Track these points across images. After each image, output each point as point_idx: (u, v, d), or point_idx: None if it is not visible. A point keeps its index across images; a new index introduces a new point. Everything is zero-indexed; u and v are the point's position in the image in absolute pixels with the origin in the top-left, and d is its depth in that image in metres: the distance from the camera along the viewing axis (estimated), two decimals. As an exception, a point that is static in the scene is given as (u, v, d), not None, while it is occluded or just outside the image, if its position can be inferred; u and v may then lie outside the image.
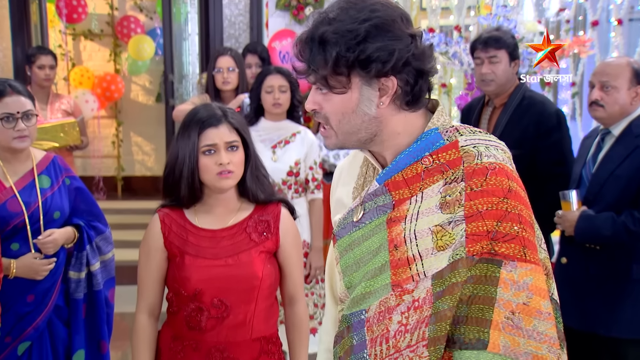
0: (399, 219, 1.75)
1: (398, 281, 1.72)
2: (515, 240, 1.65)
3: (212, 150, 2.62)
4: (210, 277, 2.66)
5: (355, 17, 1.71)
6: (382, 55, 1.71)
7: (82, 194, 3.62)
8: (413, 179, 1.76)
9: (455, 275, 1.64)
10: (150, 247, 2.74)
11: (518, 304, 1.62)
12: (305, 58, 1.76)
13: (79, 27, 9.99)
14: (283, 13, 6.64)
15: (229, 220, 2.74)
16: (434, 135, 1.79)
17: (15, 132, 3.30)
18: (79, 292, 3.54)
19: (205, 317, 2.65)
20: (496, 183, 1.69)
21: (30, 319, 3.36)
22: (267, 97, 4.41)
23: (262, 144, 4.41)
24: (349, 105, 1.76)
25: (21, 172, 3.41)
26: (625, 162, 3.46)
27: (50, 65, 6.11)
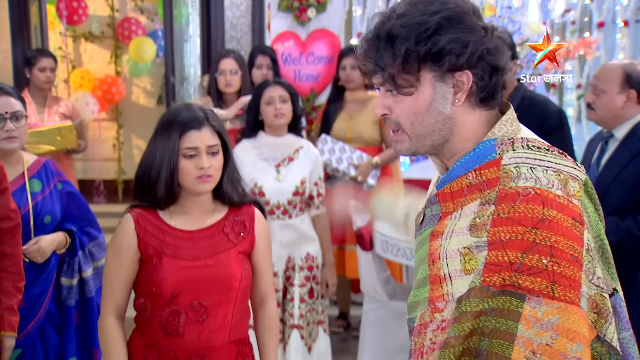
0: (438, 234, 1.73)
1: (433, 297, 1.70)
2: (542, 275, 1.56)
3: (193, 153, 2.60)
4: (190, 278, 2.64)
5: (425, 10, 1.68)
6: (456, 48, 1.67)
7: (74, 198, 3.64)
8: (457, 193, 1.73)
9: (466, 304, 1.61)
10: (121, 248, 2.69)
11: (540, 344, 1.54)
12: (372, 57, 1.73)
13: (80, 29, 10.02)
14: (285, 15, 6.64)
15: (205, 221, 2.74)
16: (489, 147, 1.73)
17: (3, 133, 3.34)
18: (71, 299, 3.56)
19: (183, 321, 2.63)
20: (525, 211, 1.60)
21: (21, 325, 3.33)
22: (267, 109, 4.19)
23: (265, 163, 4.28)
24: (422, 104, 1.72)
25: (11, 175, 3.39)
26: (629, 165, 3.47)
27: (51, 68, 6.14)
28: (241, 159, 3.88)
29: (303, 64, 6.55)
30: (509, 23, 5.48)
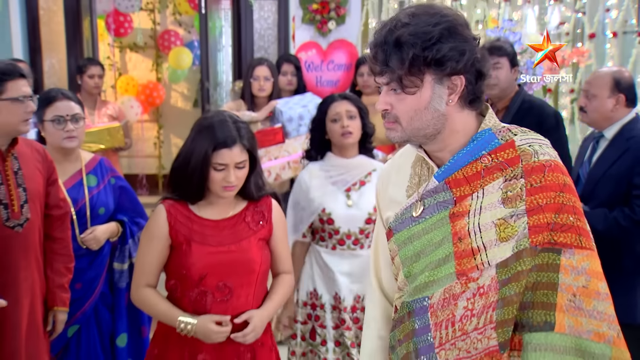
0: (462, 214, 1.77)
1: (463, 270, 1.74)
2: (572, 230, 1.67)
3: (222, 168, 2.59)
4: (215, 262, 2.64)
5: (428, 21, 1.73)
6: (455, 55, 1.73)
7: (126, 192, 3.67)
8: (474, 177, 1.79)
9: (520, 264, 1.66)
10: (154, 235, 2.69)
11: (578, 287, 1.65)
12: (380, 60, 1.75)
13: (125, 41, 10.04)
14: (308, 26, 6.64)
15: (229, 212, 2.73)
16: (489, 136, 1.81)
17: (64, 133, 3.38)
18: (122, 281, 3.58)
19: (210, 300, 2.64)
20: (553, 179, 1.71)
21: (78, 304, 3.40)
22: (334, 127, 3.36)
23: (334, 187, 3.43)
24: (422, 102, 1.77)
25: (71, 171, 3.47)
26: (616, 163, 3.48)
27: (99, 75, 6.16)
28: (308, 183, 3.44)
29: (324, 71, 6.55)
30: (510, 34, 5.44)
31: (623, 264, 3.46)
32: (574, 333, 1.62)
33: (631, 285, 3.49)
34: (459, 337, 1.73)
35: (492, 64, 4.09)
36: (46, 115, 3.41)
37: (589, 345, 1.62)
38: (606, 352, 1.61)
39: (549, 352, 1.63)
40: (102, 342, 3.54)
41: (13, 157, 3.05)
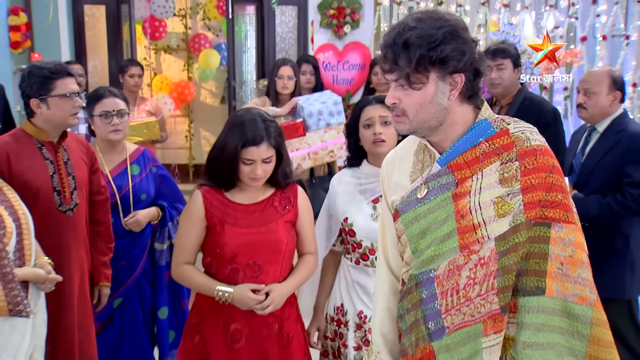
0: (463, 194, 1.81)
1: (465, 244, 1.78)
2: (560, 206, 1.72)
3: (250, 163, 2.59)
4: (246, 242, 2.64)
5: (433, 25, 1.77)
6: (457, 55, 1.76)
7: (166, 180, 3.69)
8: (473, 161, 1.82)
9: (517, 236, 1.71)
10: (192, 217, 2.70)
11: (565, 256, 1.70)
12: (390, 59, 1.79)
13: (160, 43, 10.04)
14: (325, 30, 6.66)
15: (258, 197, 2.73)
16: (485, 125, 1.84)
17: (110, 126, 3.44)
18: (162, 260, 3.62)
19: (242, 276, 2.64)
20: (544, 161, 1.76)
21: (122, 280, 3.47)
22: (365, 133, 2.81)
23: (362, 196, 2.88)
24: (426, 97, 1.80)
25: (116, 161, 3.52)
26: (608, 154, 3.48)
27: (138, 74, 6.19)
28: (336, 189, 2.94)
29: (340, 70, 6.57)
30: (509, 37, 5.45)
31: (614, 244, 3.48)
32: (561, 297, 1.67)
33: (621, 264, 3.51)
34: (463, 303, 1.76)
35: (497, 65, 4.10)
36: (95, 110, 3.47)
37: (574, 307, 1.66)
38: (588, 313, 1.66)
39: (540, 313, 1.68)
40: (143, 313, 3.60)
41: (63, 149, 3.11)
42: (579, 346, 1.66)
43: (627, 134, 3.48)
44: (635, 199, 3.38)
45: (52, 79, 3.13)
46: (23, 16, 7.08)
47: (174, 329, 3.63)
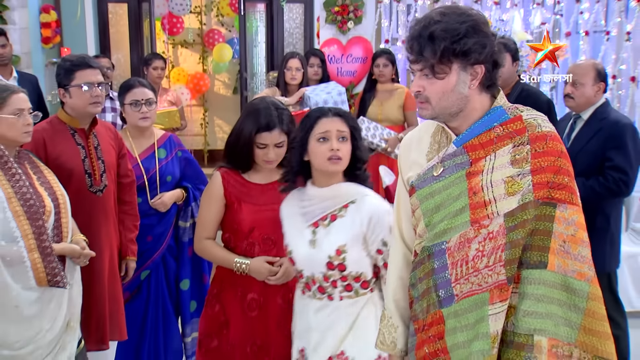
0: (476, 173, 1.81)
1: (476, 219, 1.78)
2: (566, 189, 1.72)
3: (264, 147, 2.61)
4: (261, 218, 2.65)
5: (456, 19, 1.76)
6: (478, 48, 1.76)
7: (190, 164, 3.68)
8: (487, 143, 1.81)
9: (526, 213, 1.71)
10: (212, 196, 2.71)
11: (568, 235, 1.70)
12: (416, 51, 1.80)
13: (177, 38, 10.03)
14: (330, 26, 6.63)
15: (272, 178, 2.71)
16: (500, 111, 1.84)
17: (139, 114, 3.45)
18: (185, 236, 3.62)
19: (257, 250, 2.66)
20: (553, 146, 1.76)
21: (149, 254, 3.49)
22: (319, 149, 2.35)
23: (302, 218, 2.46)
24: (449, 86, 1.80)
25: (145, 145, 3.53)
26: (592, 140, 3.49)
27: (161, 67, 6.17)
28: (282, 212, 2.58)
29: (344, 63, 6.56)
30: (501, 32, 5.44)
31: (596, 223, 3.49)
32: (561, 271, 1.68)
33: (602, 241, 3.52)
34: (471, 274, 1.77)
35: None
36: (126, 99, 3.48)
37: (573, 282, 1.67)
38: (585, 288, 1.67)
39: (541, 285, 1.68)
40: (168, 285, 3.61)
41: (94, 135, 3.15)
42: (575, 318, 1.67)
43: (609, 122, 3.49)
44: (616, 181, 3.40)
45: (72, 71, 3.16)
46: (53, 14, 7.09)
47: (195, 299, 3.65)
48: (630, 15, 6.54)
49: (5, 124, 2.68)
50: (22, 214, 2.59)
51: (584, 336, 1.66)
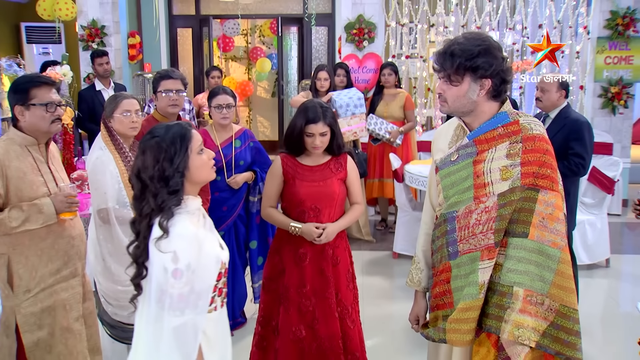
0: (480, 161, 1.84)
1: (477, 196, 1.83)
2: (548, 178, 1.75)
3: (311, 135, 2.60)
4: (310, 192, 2.64)
5: (473, 43, 1.79)
6: (486, 66, 1.78)
7: (259, 152, 3.66)
8: (491, 139, 1.84)
9: (513, 195, 1.76)
10: (274, 174, 2.70)
11: (547, 214, 1.73)
12: (440, 63, 1.83)
13: (229, 54, 10.03)
14: (349, 44, 6.64)
15: (320, 161, 2.70)
16: (504, 115, 1.86)
17: (221, 115, 3.45)
18: (254, 208, 3.64)
19: (307, 216, 2.65)
20: (540, 145, 1.78)
21: (224, 220, 3.52)
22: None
23: None
24: (461, 92, 1.83)
25: (225, 137, 3.53)
26: (557, 134, 3.49)
27: (218, 76, 6.18)
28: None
29: (360, 73, 6.57)
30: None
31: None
32: (539, 240, 1.73)
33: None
34: (470, 237, 1.82)
35: None
36: (212, 103, 3.47)
37: (547, 249, 1.72)
38: (557, 254, 1.72)
39: (522, 250, 1.74)
40: (238, 245, 3.64)
41: None
42: (548, 275, 1.72)
43: (571, 120, 3.50)
44: (576, 164, 3.42)
45: (159, 80, 3.27)
46: (137, 37, 7.17)
47: (262, 255, 3.67)
48: (579, 39, 6.58)
49: (118, 121, 2.79)
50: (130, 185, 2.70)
51: (554, 289, 1.72)
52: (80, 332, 2.41)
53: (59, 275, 2.37)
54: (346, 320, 2.69)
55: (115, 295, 2.76)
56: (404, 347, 3.57)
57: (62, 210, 2.29)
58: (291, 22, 8.97)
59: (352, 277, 2.79)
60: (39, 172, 2.32)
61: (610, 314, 4.21)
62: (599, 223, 4.88)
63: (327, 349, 2.64)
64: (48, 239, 2.33)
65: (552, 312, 1.71)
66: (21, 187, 2.25)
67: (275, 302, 2.73)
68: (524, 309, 1.71)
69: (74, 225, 2.43)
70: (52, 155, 2.45)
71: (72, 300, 2.40)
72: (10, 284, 2.31)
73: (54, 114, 2.31)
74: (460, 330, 1.81)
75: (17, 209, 2.22)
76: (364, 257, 5.14)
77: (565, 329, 1.71)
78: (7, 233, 2.23)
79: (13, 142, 2.30)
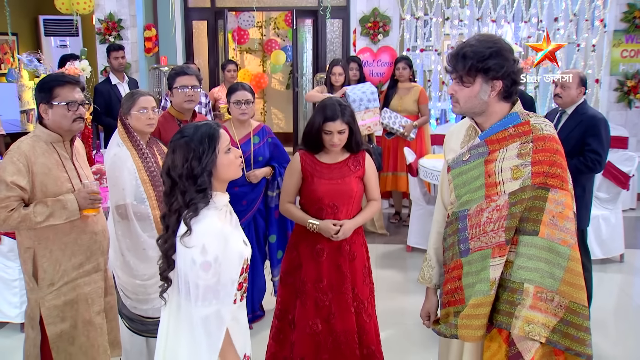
0: (492, 160, 1.85)
1: (489, 194, 1.84)
2: (558, 178, 1.76)
3: (329, 133, 2.60)
4: (328, 189, 2.65)
5: (485, 45, 1.80)
6: (497, 68, 1.79)
7: (277, 147, 3.64)
8: (502, 139, 1.85)
9: (524, 194, 1.77)
10: (293, 170, 2.71)
11: (557, 212, 1.74)
12: (452, 65, 1.85)
13: (244, 46, 10.05)
14: (364, 37, 6.62)
15: (338, 159, 2.70)
16: (514, 116, 1.87)
17: (240, 111, 3.45)
18: (272, 203, 3.63)
19: (324, 213, 2.66)
20: (550, 145, 1.80)
21: (243, 214, 3.52)
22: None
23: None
24: (473, 93, 1.84)
25: (243, 133, 3.54)
26: (574, 130, 3.48)
27: (234, 70, 6.20)
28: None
29: (375, 66, 6.56)
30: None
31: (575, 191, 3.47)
32: (549, 238, 1.73)
33: (578, 205, 3.51)
34: (481, 234, 1.84)
35: None
36: (231, 99, 3.47)
37: (557, 246, 1.73)
38: (567, 252, 1.73)
39: (532, 247, 1.75)
40: (257, 239, 3.64)
41: None
42: (558, 273, 1.73)
43: (588, 116, 3.48)
44: (592, 160, 3.40)
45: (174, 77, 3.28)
46: (153, 30, 7.21)
47: (281, 249, 3.68)
48: (595, 32, 6.48)
49: (135, 118, 2.81)
50: (148, 181, 2.73)
51: (564, 287, 1.73)
52: (102, 326, 2.46)
53: (82, 269, 2.41)
54: (362, 314, 2.72)
55: (134, 289, 2.80)
56: (418, 340, 3.59)
57: (85, 206, 2.33)
58: (306, 15, 8.94)
59: (368, 272, 2.81)
60: (64, 168, 2.36)
61: (624, 309, 4.20)
62: (613, 218, 4.85)
63: (343, 342, 2.67)
64: (72, 234, 2.37)
65: (562, 308, 1.72)
66: (46, 183, 2.29)
67: (292, 296, 2.76)
68: (534, 305, 1.73)
69: (97, 221, 2.47)
70: (77, 152, 2.49)
71: (94, 294, 2.45)
72: (35, 277, 2.36)
73: (76, 112, 2.35)
74: (472, 326, 1.83)
75: (42, 205, 2.26)
76: (377, 250, 5.16)
77: (575, 325, 1.73)
78: (32, 228, 2.27)
79: (39, 139, 2.34)
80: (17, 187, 2.22)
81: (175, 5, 7.63)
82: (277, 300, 2.85)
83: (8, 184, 2.22)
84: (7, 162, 2.25)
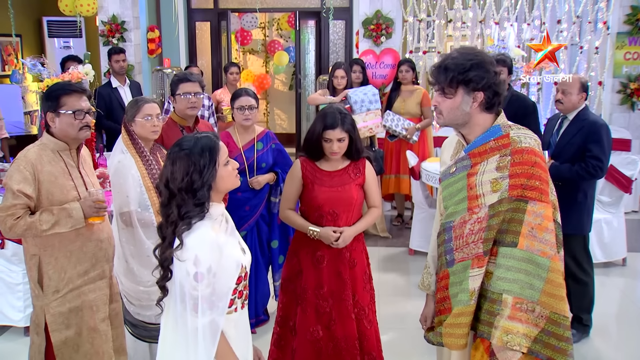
0: (474, 174, 1.88)
1: (471, 207, 1.87)
2: (536, 190, 1.77)
3: (329, 141, 2.61)
4: (329, 197, 2.65)
5: (466, 57, 1.83)
6: (478, 79, 1.82)
7: (281, 153, 3.64)
8: (484, 152, 1.88)
9: (501, 206, 1.80)
10: (293, 177, 2.72)
11: (536, 224, 1.75)
12: (435, 77, 1.88)
13: (247, 47, 10.06)
14: (367, 39, 6.63)
15: (338, 166, 2.70)
16: (497, 128, 1.89)
17: (243, 116, 3.45)
18: (275, 208, 3.63)
19: (325, 221, 2.67)
20: (528, 158, 1.80)
21: (246, 219, 3.54)
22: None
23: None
24: (455, 104, 1.87)
25: (247, 139, 3.53)
26: (576, 136, 3.48)
27: (236, 72, 6.20)
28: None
29: (377, 68, 6.57)
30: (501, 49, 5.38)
31: (577, 197, 3.51)
32: (528, 250, 1.76)
33: (581, 211, 3.53)
34: (464, 246, 1.88)
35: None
36: (234, 104, 3.47)
37: (537, 258, 1.75)
38: (546, 263, 1.75)
39: (511, 259, 1.78)
40: (260, 244, 3.66)
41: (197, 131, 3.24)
42: (538, 283, 1.75)
43: (589, 122, 3.48)
44: (594, 167, 3.40)
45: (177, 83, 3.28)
46: (156, 32, 7.23)
47: (283, 254, 3.69)
48: (598, 34, 6.48)
49: (139, 125, 2.82)
50: (152, 188, 2.73)
51: (545, 297, 1.75)
52: (107, 333, 2.48)
53: (87, 276, 2.43)
54: (363, 320, 2.73)
55: (137, 295, 2.82)
56: (420, 344, 3.56)
57: (91, 214, 2.35)
58: (309, 16, 8.94)
59: (368, 279, 2.82)
60: (70, 176, 2.38)
61: (627, 313, 4.20)
62: (616, 222, 4.85)
63: (344, 349, 2.69)
64: (77, 242, 2.39)
65: (543, 318, 1.74)
66: (52, 191, 2.31)
67: (292, 302, 2.77)
68: (513, 316, 1.76)
69: (103, 228, 2.49)
70: (83, 160, 2.51)
71: (99, 301, 2.47)
72: (40, 284, 2.38)
73: (83, 121, 2.37)
74: (454, 334, 1.87)
75: (48, 213, 2.28)
76: (380, 253, 5.16)
77: (556, 335, 1.75)
78: (38, 235, 2.30)
79: (46, 147, 2.36)
80: (24, 195, 2.25)
81: (178, 6, 7.66)
82: (278, 307, 2.86)
83: (15, 192, 2.24)
84: (14, 170, 2.28)
